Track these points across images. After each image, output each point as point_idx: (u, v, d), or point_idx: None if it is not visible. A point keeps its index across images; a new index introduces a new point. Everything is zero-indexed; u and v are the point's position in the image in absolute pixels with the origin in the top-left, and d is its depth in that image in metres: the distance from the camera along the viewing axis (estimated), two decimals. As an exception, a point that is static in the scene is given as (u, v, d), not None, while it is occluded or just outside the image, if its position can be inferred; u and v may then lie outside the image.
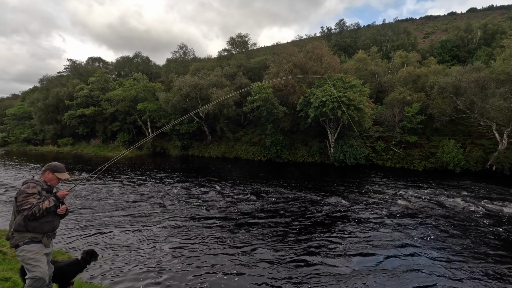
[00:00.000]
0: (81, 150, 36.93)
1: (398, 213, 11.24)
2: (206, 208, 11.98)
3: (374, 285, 6.34)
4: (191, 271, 6.86)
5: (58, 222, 3.91)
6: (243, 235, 9.14)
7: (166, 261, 7.33)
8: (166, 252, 7.86)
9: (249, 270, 6.97)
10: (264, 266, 7.16)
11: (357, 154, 21.82)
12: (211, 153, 29.71)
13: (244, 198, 13.48)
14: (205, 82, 28.81)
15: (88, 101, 36.44)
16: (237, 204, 12.55)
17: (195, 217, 10.86)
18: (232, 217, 10.86)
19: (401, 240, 8.73)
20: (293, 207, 12.03)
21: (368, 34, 54.13)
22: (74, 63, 49.16)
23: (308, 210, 11.67)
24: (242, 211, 11.52)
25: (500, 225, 9.94)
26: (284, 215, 11.09)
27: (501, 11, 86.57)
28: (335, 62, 25.94)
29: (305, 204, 12.49)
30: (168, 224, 10.05)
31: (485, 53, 35.96)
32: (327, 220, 10.51)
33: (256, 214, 11.17)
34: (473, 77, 19.66)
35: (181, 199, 13.28)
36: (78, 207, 11.96)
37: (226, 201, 12.95)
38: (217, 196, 13.78)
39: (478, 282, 6.54)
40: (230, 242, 8.55)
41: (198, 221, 10.36)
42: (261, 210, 11.66)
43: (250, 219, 10.65)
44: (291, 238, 8.90)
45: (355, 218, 10.71)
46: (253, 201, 12.98)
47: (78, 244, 8.32)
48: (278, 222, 10.34)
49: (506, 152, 18.23)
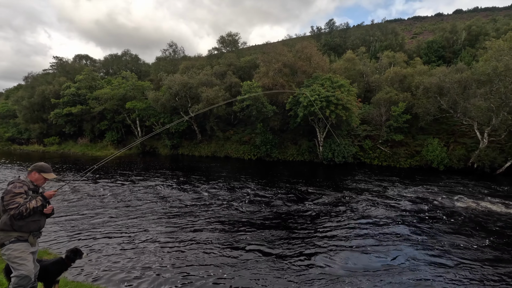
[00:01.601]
0: (68, 149, 36.24)
1: (385, 210, 11.59)
2: (195, 207, 12.05)
3: (366, 286, 6.54)
4: (178, 271, 6.96)
5: (44, 221, 3.96)
6: (232, 234, 9.28)
7: (151, 261, 7.40)
8: (152, 251, 7.93)
9: (237, 270, 7.11)
10: (253, 266, 7.31)
11: (345, 152, 22.23)
12: (201, 152, 29.69)
13: (234, 197, 13.60)
14: (195, 81, 28.72)
15: (75, 100, 35.73)
16: (226, 203, 12.66)
17: (183, 216, 10.93)
18: (221, 216, 10.98)
19: (391, 239, 9.03)
20: (282, 206, 12.23)
21: (357, 34, 54.92)
22: (61, 60, 48.03)
23: (298, 208, 11.90)
24: (231, 211, 11.65)
25: (477, 219, 10.40)
26: (274, 214, 11.28)
27: (485, 13, 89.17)
28: (323, 62, 26.32)
29: (294, 202, 12.71)
30: (155, 224, 10.09)
31: (469, 54, 37.08)
32: (316, 219, 10.75)
33: (246, 213, 11.32)
34: (456, 77, 20.31)
35: (169, 199, 13.30)
36: (65, 207, 11.85)
37: (215, 200, 13.05)
38: (205, 195, 13.86)
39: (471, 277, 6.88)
40: (219, 242, 8.68)
41: (187, 221, 10.43)
42: (250, 209, 11.81)
43: (239, 218, 10.79)
44: (282, 237, 9.08)
45: (344, 216, 11.00)
46: (243, 200, 13.13)
47: (64, 243, 8.29)
48: (268, 221, 10.51)
49: (486, 150, 18.94)
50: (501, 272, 6.98)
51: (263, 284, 6.45)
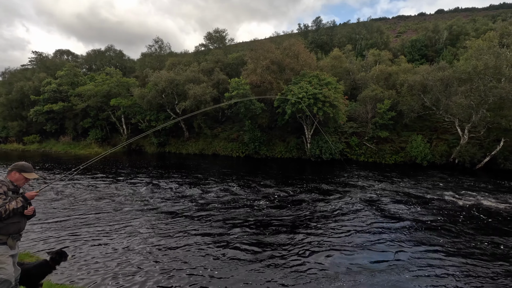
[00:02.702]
0: (49, 148, 34.99)
1: (371, 206, 11.82)
2: (182, 206, 11.92)
3: (355, 284, 6.64)
4: (164, 271, 6.87)
5: (25, 223, 3.80)
6: (221, 234, 9.23)
7: (138, 261, 7.26)
8: (139, 252, 7.78)
9: (224, 268, 7.09)
10: (239, 264, 7.30)
11: (332, 149, 22.53)
12: (188, 149, 29.37)
13: (222, 195, 13.54)
14: (181, 77, 28.31)
15: (57, 96, 34.50)
16: (214, 201, 12.58)
17: (170, 216, 10.78)
18: (210, 214, 10.91)
19: (377, 235, 9.22)
20: (271, 203, 12.27)
21: (344, 32, 55.55)
22: (40, 55, 46.29)
23: (286, 205, 11.96)
24: (220, 208, 11.59)
25: (459, 213, 10.79)
26: (261, 211, 11.30)
27: (465, 13, 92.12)
28: (311, 59, 26.49)
29: (283, 199, 12.78)
30: (141, 224, 9.91)
31: (450, 53, 38.22)
32: (305, 216, 10.84)
33: (234, 211, 11.29)
34: (438, 75, 20.90)
35: (155, 198, 13.10)
36: (47, 208, 11.45)
37: (203, 199, 12.94)
38: (194, 194, 13.72)
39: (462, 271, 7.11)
40: (207, 241, 8.61)
41: (174, 221, 10.30)
42: (238, 207, 11.78)
43: (227, 216, 10.75)
44: (270, 234, 9.11)
45: (331, 213, 11.14)
46: (231, 197, 13.08)
47: (47, 245, 8.01)
48: (256, 218, 10.52)
49: (467, 146, 19.63)
50: (490, 266, 7.27)
51: (253, 285, 6.46)
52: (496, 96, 17.19)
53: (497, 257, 7.51)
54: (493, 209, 11.35)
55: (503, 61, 17.49)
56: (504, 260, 7.34)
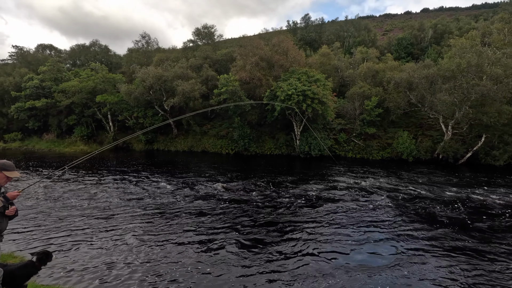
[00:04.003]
0: (32, 146, 33.87)
1: (360, 201, 12.04)
2: (170, 204, 11.81)
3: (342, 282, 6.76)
4: (152, 270, 6.81)
5: (6, 223, 3.69)
6: (211, 231, 9.21)
7: (123, 260, 7.17)
8: (125, 251, 7.68)
9: (214, 266, 7.09)
10: (233, 264, 7.31)
11: (321, 145, 22.75)
12: (177, 146, 29.06)
13: (211, 192, 13.49)
14: (169, 73, 27.87)
15: (39, 93, 33.37)
16: (203, 199, 12.53)
17: (158, 215, 10.68)
18: (199, 213, 10.86)
19: (368, 229, 9.41)
20: (261, 201, 12.31)
21: (332, 29, 55.89)
22: (21, 50, 44.61)
23: (276, 203, 12.04)
24: (209, 207, 11.56)
25: (444, 207, 11.14)
26: (252, 209, 11.33)
27: (449, 12, 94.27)
28: (300, 56, 26.55)
29: (272, 196, 12.84)
30: (128, 222, 9.78)
31: (435, 51, 39.07)
32: (295, 212, 10.94)
33: (224, 209, 11.27)
34: (423, 73, 21.36)
35: (142, 196, 12.93)
36: (31, 208, 11.13)
37: (191, 196, 12.86)
38: (181, 192, 13.62)
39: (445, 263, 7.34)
40: (196, 238, 8.59)
41: (162, 219, 10.21)
42: (228, 205, 11.77)
43: (217, 214, 10.73)
44: (260, 231, 9.16)
45: (322, 209, 11.29)
46: (220, 195, 13.05)
47: (29, 246, 7.80)
48: (247, 216, 10.54)
49: (450, 142, 20.23)
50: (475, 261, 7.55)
51: (244, 282, 6.49)
52: (478, 93, 17.74)
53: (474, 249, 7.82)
54: (477, 202, 11.77)
55: (485, 59, 18.03)
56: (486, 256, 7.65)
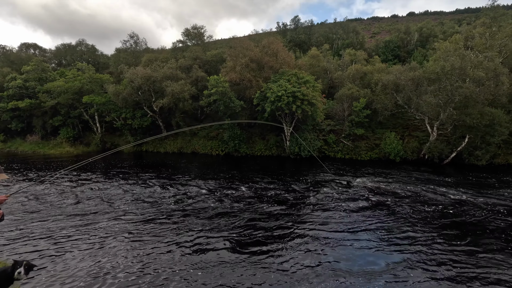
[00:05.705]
0: (15, 147, 32.84)
1: (349, 201, 12.21)
2: (160, 207, 11.69)
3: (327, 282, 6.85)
4: (142, 274, 6.73)
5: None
6: (201, 234, 9.16)
7: (112, 265, 7.05)
8: (112, 258, 7.56)
9: (207, 269, 7.06)
10: (224, 266, 7.30)
11: (311, 146, 22.96)
12: (166, 148, 28.74)
13: (201, 194, 13.41)
14: (158, 74, 27.56)
15: (23, 93, 32.38)
16: (193, 201, 12.45)
17: (146, 217, 10.54)
18: (190, 214, 10.78)
19: (359, 231, 9.54)
20: (252, 202, 12.32)
21: (321, 31, 56.62)
22: (3, 49, 43.28)
23: (268, 204, 12.07)
24: (199, 209, 11.49)
25: (427, 206, 11.43)
26: (243, 211, 11.32)
27: (434, 16, 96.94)
28: (289, 58, 26.74)
29: (264, 197, 12.87)
30: (115, 228, 9.62)
31: (420, 54, 40.10)
32: (287, 214, 11.00)
33: (214, 211, 11.23)
34: (409, 75, 21.88)
35: (130, 199, 12.74)
36: (16, 212, 10.79)
37: (181, 199, 12.76)
38: (170, 194, 13.49)
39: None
40: (184, 240, 8.52)
41: (150, 221, 10.09)
42: (218, 207, 11.73)
43: (207, 216, 10.68)
44: (249, 233, 9.16)
45: (311, 208, 11.39)
46: (210, 197, 13.00)
47: (16, 250, 7.57)
48: (238, 218, 10.53)
49: (435, 142, 20.77)
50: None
51: (232, 283, 6.48)
52: (461, 95, 18.30)
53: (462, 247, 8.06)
54: (461, 201, 12.13)
55: (468, 62, 18.62)
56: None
